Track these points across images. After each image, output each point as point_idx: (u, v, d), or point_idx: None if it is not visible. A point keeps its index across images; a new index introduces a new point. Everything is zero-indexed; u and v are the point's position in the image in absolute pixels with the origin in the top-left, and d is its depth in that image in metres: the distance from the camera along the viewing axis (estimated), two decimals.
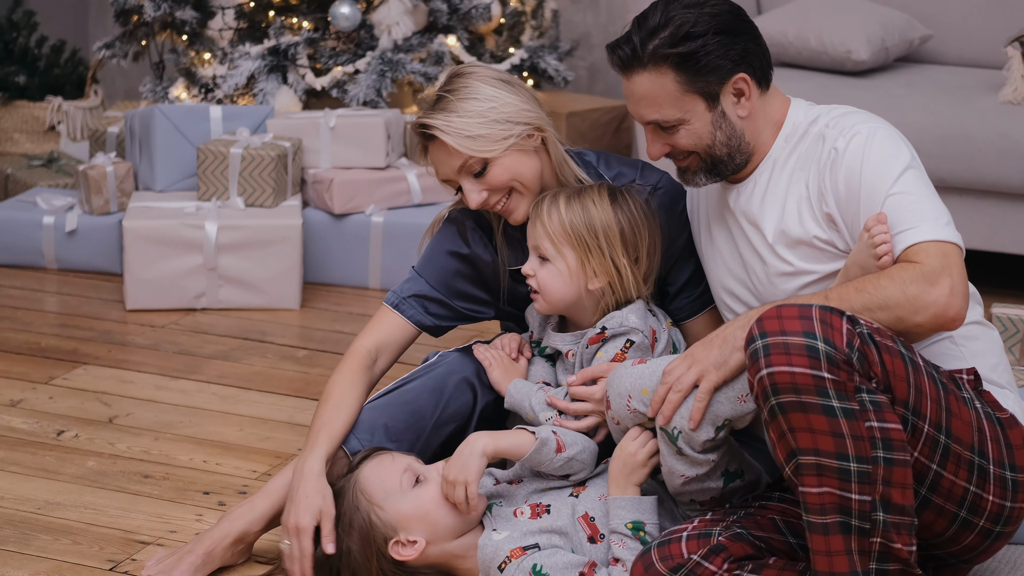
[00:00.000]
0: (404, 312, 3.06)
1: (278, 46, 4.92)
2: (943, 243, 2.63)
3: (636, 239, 2.90)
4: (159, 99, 5.06)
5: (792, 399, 2.46)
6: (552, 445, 2.80)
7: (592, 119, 5.48)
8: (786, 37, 4.76)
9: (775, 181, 2.83)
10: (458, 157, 2.91)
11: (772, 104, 2.85)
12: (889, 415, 2.48)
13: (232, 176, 4.51)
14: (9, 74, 5.66)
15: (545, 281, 2.92)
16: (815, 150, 2.78)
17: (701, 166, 2.84)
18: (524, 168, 2.94)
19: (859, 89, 4.59)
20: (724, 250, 2.94)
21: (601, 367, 2.88)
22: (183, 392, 3.83)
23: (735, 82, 2.78)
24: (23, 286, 4.59)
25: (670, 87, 2.76)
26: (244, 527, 2.93)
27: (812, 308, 2.49)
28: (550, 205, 2.90)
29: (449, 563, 2.81)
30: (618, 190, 2.93)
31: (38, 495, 3.25)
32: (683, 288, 3.06)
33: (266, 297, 4.44)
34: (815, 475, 2.48)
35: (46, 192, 4.89)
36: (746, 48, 2.79)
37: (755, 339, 2.49)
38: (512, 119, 2.91)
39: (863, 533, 2.48)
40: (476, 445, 2.77)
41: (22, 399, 3.76)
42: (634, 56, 2.77)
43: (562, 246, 2.89)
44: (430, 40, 4.98)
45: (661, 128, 2.81)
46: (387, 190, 4.65)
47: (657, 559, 2.65)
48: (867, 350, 2.49)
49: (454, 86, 2.95)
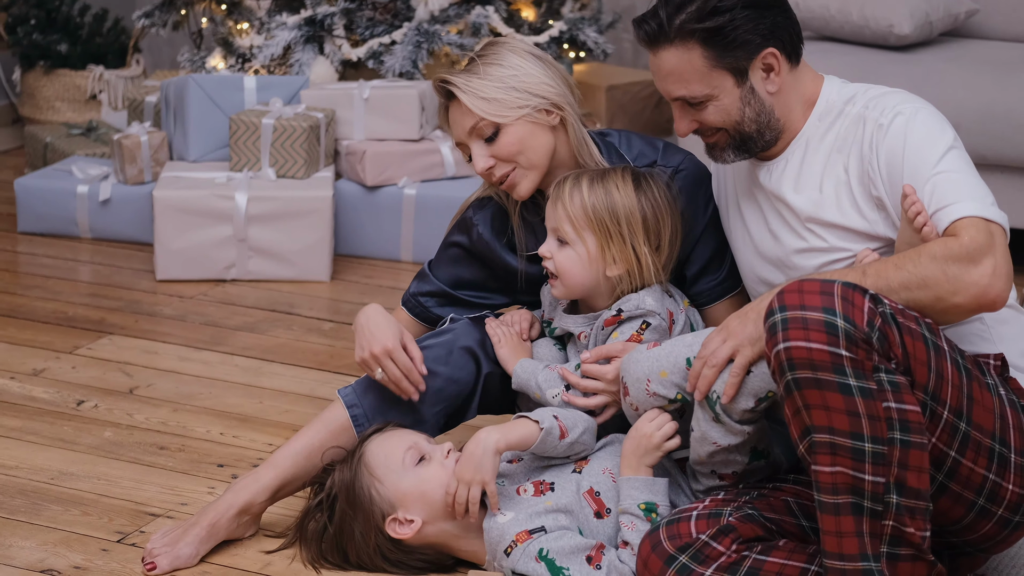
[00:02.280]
0: (411, 311, 3.12)
1: (315, 16, 4.89)
2: (988, 221, 2.57)
3: (659, 226, 2.85)
4: (197, 69, 5.05)
5: (808, 375, 2.41)
6: (556, 433, 2.75)
7: (632, 92, 5.42)
8: (828, 11, 4.68)
9: (810, 160, 2.77)
10: (471, 117, 2.90)
11: (803, 80, 2.79)
12: (907, 396, 2.43)
13: (264, 147, 4.48)
14: (51, 43, 5.66)
15: (563, 264, 2.87)
16: (855, 132, 2.72)
17: (729, 142, 2.78)
18: (535, 142, 2.90)
19: (900, 64, 4.51)
20: (754, 228, 2.88)
21: (615, 346, 2.83)
22: (206, 364, 3.81)
23: (764, 57, 2.72)
24: (56, 255, 4.59)
25: (697, 62, 2.71)
26: (248, 498, 2.91)
27: (835, 284, 2.43)
28: (572, 187, 2.85)
29: (447, 543, 2.78)
30: (642, 175, 2.87)
31: (52, 465, 3.24)
32: (704, 271, 3.01)
33: (296, 269, 4.42)
34: (828, 454, 2.43)
35: (82, 161, 4.89)
36: (775, 22, 2.73)
37: (774, 312, 2.45)
38: (531, 90, 2.89)
39: (875, 515, 2.43)
40: (488, 443, 2.71)
41: (45, 368, 3.76)
42: (660, 31, 2.72)
43: (583, 230, 2.84)
44: (467, 11, 4.93)
45: (689, 104, 2.76)
46: (420, 162, 4.62)
47: (665, 538, 2.61)
48: (888, 330, 2.43)
49: (485, 51, 2.96)
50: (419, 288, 3.11)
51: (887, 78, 4.30)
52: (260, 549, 2.91)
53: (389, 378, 2.90)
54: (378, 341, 2.88)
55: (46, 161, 5.16)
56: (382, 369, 2.89)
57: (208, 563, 2.87)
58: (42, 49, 5.65)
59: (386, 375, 2.90)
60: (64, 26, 5.74)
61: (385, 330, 2.90)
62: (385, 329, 2.90)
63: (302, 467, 2.93)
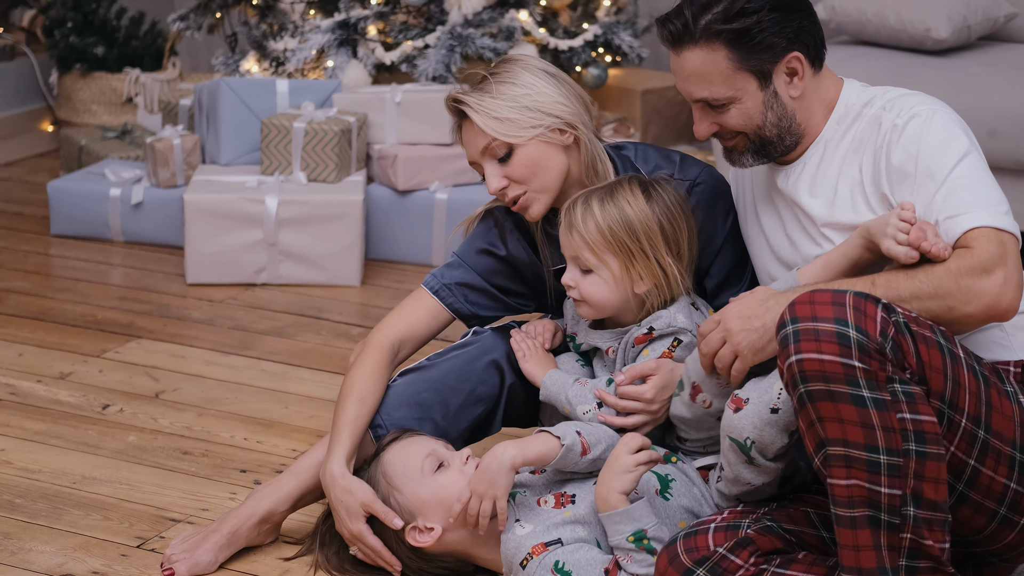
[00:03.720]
0: (443, 299, 3.00)
1: (348, 20, 4.88)
2: (1000, 231, 2.54)
3: (676, 233, 2.80)
4: (231, 72, 5.05)
5: (821, 387, 2.38)
6: (577, 449, 2.71)
7: (668, 97, 5.38)
8: (864, 15, 4.63)
9: (826, 163, 2.74)
10: (483, 137, 2.86)
11: (824, 84, 2.76)
12: (923, 407, 2.40)
13: (295, 150, 4.47)
14: (88, 45, 5.67)
15: (589, 291, 2.81)
16: (871, 133, 2.69)
17: (748, 147, 2.75)
18: (548, 163, 2.86)
19: (936, 68, 4.46)
20: (772, 232, 2.85)
21: (648, 364, 2.79)
22: (232, 368, 3.80)
23: (788, 61, 2.69)
24: (88, 258, 4.60)
25: (722, 64, 2.67)
26: (270, 507, 2.90)
27: (846, 295, 2.40)
28: (584, 211, 2.78)
29: (468, 551, 2.75)
30: (649, 183, 2.82)
31: (75, 469, 3.24)
32: (724, 284, 2.97)
33: (326, 273, 4.41)
34: (843, 467, 2.39)
35: (115, 164, 4.89)
36: (801, 26, 2.70)
37: (786, 324, 2.42)
38: (544, 109, 2.85)
39: (892, 528, 2.40)
40: (504, 459, 2.66)
41: (72, 372, 3.76)
42: (685, 31, 2.68)
43: (604, 254, 2.78)
44: (501, 15, 4.91)
45: (710, 106, 2.72)
46: (452, 167, 4.59)
47: (682, 550, 2.58)
48: (902, 340, 2.40)
49: (498, 70, 2.91)
50: (454, 277, 3.00)
51: (923, 83, 4.25)
52: (279, 556, 2.90)
53: (366, 559, 2.81)
54: (346, 524, 2.77)
55: (80, 164, 5.17)
56: (358, 549, 2.80)
57: (226, 569, 2.85)
58: (79, 52, 5.67)
59: (363, 557, 2.81)
60: (101, 29, 5.75)
61: (349, 505, 2.76)
62: (349, 503, 2.76)
63: None
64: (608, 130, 5.03)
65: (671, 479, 2.75)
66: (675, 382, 2.79)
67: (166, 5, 6.47)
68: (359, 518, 2.76)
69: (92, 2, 5.78)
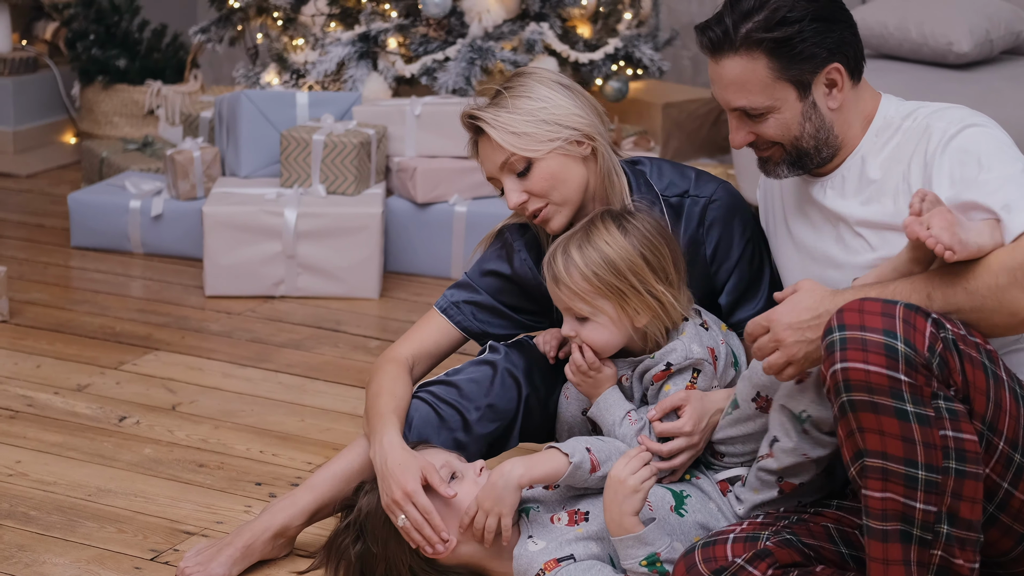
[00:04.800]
0: (452, 316, 2.99)
1: (369, 32, 4.88)
2: None
3: (661, 260, 2.76)
4: (251, 84, 5.05)
5: (864, 398, 2.36)
6: (586, 467, 2.68)
7: (689, 110, 5.37)
8: (886, 28, 4.61)
9: (867, 175, 2.70)
10: (501, 153, 2.84)
11: (863, 97, 2.74)
12: (965, 425, 2.37)
13: (314, 163, 4.47)
14: (110, 58, 5.68)
15: (590, 338, 2.78)
16: (918, 143, 2.65)
17: (784, 158, 2.73)
18: (568, 175, 2.84)
19: (957, 83, 4.44)
20: (808, 245, 2.82)
21: (678, 396, 2.77)
22: (249, 380, 3.80)
23: (828, 72, 2.67)
24: (107, 270, 4.60)
25: (762, 73, 2.65)
26: (285, 520, 2.88)
27: (897, 306, 2.37)
28: (565, 261, 2.75)
29: (481, 563, 2.74)
30: (621, 215, 2.79)
31: (91, 481, 3.23)
32: (739, 301, 2.95)
33: (345, 286, 4.40)
34: (880, 479, 2.37)
35: (135, 176, 4.90)
36: (842, 37, 2.68)
37: (832, 331, 2.39)
38: (561, 122, 2.83)
39: (924, 544, 2.38)
40: (511, 477, 2.64)
41: (89, 384, 3.76)
42: (726, 39, 2.66)
43: (596, 300, 2.75)
44: (521, 28, 4.90)
45: (748, 116, 2.70)
46: (471, 180, 4.59)
47: (700, 560, 2.56)
48: (949, 357, 2.38)
49: (512, 83, 2.89)
50: (462, 296, 3.00)
51: (945, 96, 4.21)
52: (292, 569, 2.89)
53: (411, 525, 2.72)
54: (401, 483, 2.70)
55: (102, 176, 5.18)
56: (404, 515, 2.72)
57: None
58: (101, 64, 5.68)
59: (408, 522, 2.72)
60: (123, 41, 5.77)
61: (409, 466, 2.72)
62: (409, 465, 2.72)
63: (340, 490, 2.89)
64: (628, 143, 5.02)
65: (686, 495, 2.73)
66: (708, 411, 2.77)
67: (188, 17, 6.48)
68: (416, 479, 2.70)
69: (114, 14, 5.80)
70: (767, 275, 2.97)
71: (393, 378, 2.91)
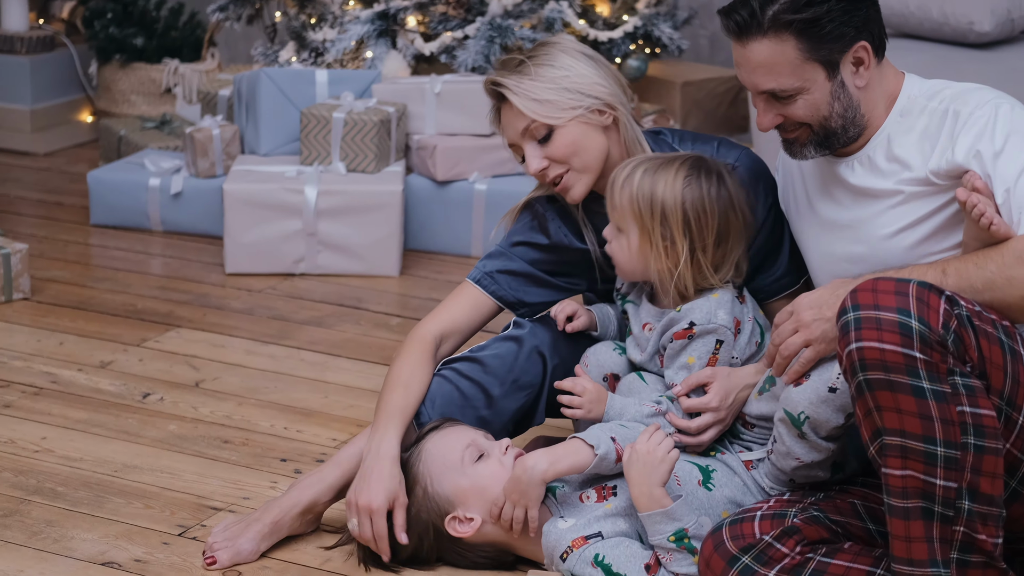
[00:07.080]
0: (486, 287, 2.99)
1: (388, 10, 4.87)
2: None
3: (701, 225, 2.77)
4: (270, 63, 5.05)
5: (880, 376, 2.36)
6: (612, 457, 2.68)
7: (708, 89, 5.36)
8: (907, 7, 4.60)
9: (894, 153, 2.70)
10: (523, 119, 2.86)
11: (886, 76, 2.73)
12: (983, 401, 2.38)
13: (334, 141, 4.47)
14: (127, 36, 5.67)
15: (614, 250, 2.85)
16: (945, 123, 2.65)
17: (812, 138, 2.72)
18: (589, 143, 2.86)
19: (979, 62, 4.43)
20: (834, 222, 2.81)
21: (705, 373, 2.79)
22: (272, 357, 3.80)
23: (856, 50, 2.66)
24: (127, 248, 4.60)
25: (790, 55, 2.64)
26: (313, 497, 2.89)
27: (910, 284, 2.38)
28: (629, 175, 2.80)
29: (508, 542, 2.75)
30: (703, 166, 2.79)
31: (117, 458, 3.24)
32: (762, 266, 2.96)
33: (365, 263, 4.41)
34: (899, 457, 2.38)
35: (154, 154, 4.90)
36: (868, 15, 2.67)
37: (847, 311, 2.40)
38: (583, 90, 2.85)
39: (946, 520, 2.38)
40: (535, 472, 2.65)
41: (112, 361, 3.76)
42: (752, 21, 2.64)
43: (627, 220, 2.80)
44: (541, 6, 4.89)
45: (776, 98, 2.69)
46: (491, 157, 4.59)
47: (728, 538, 2.57)
48: (964, 333, 2.38)
49: (535, 52, 2.91)
50: (496, 266, 3.00)
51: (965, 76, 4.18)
52: (319, 545, 2.89)
53: (360, 535, 2.76)
54: (370, 494, 2.73)
55: (120, 154, 5.18)
56: (357, 523, 2.76)
57: (268, 558, 2.85)
58: (118, 43, 5.67)
59: (357, 530, 2.76)
60: (140, 20, 5.76)
61: (387, 485, 2.73)
62: (388, 484, 2.74)
63: None
64: (648, 121, 5.02)
65: (712, 470, 2.74)
66: (735, 387, 2.78)
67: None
68: (387, 500, 2.72)
69: None
70: (787, 245, 2.98)
71: (412, 367, 2.91)
